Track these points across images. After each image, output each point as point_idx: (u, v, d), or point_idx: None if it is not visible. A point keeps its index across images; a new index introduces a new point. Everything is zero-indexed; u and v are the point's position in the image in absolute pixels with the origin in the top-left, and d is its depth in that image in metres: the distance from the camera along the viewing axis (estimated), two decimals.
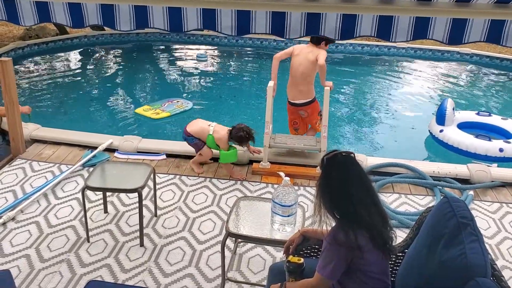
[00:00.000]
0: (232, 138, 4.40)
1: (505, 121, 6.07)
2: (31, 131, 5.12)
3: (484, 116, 6.20)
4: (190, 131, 4.53)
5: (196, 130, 4.53)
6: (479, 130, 5.91)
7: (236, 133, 4.35)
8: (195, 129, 4.53)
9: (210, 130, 4.46)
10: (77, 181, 4.39)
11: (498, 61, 9.98)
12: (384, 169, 4.63)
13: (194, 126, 4.57)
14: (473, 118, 6.16)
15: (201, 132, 4.51)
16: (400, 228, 3.77)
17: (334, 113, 6.82)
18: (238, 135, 4.34)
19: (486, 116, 6.20)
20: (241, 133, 4.33)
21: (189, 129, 4.54)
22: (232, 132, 4.39)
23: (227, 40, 11.05)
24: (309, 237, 2.50)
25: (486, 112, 6.35)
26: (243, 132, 4.33)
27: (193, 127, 4.55)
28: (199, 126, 4.54)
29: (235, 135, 4.36)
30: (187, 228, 3.76)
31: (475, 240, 1.84)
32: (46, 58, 9.68)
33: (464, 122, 5.99)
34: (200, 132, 4.51)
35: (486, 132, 5.85)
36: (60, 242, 3.55)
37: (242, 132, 4.33)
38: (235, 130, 4.37)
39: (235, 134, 4.36)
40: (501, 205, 4.19)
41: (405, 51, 10.57)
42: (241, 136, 4.34)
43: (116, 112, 7.07)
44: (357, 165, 2.05)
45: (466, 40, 2.50)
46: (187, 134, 4.54)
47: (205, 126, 4.52)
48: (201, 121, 4.65)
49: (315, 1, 2.30)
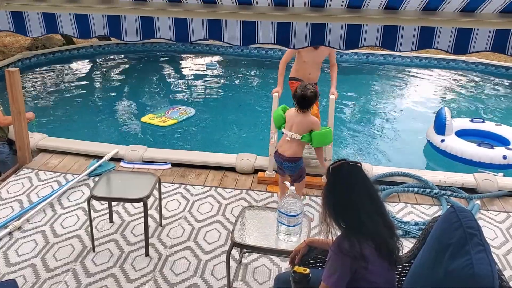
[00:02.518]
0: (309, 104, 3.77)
1: (499, 127, 6.12)
2: (38, 140, 5.15)
3: (478, 123, 6.22)
4: (293, 153, 3.83)
5: (295, 149, 3.83)
6: (475, 137, 5.94)
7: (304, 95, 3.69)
8: (295, 149, 3.83)
9: (301, 132, 3.79)
10: (83, 190, 4.40)
11: (504, 70, 9.96)
12: (390, 178, 4.62)
13: (290, 146, 3.83)
14: (467, 126, 6.18)
15: (299, 148, 3.88)
16: (407, 238, 3.75)
17: (339, 121, 6.82)
18: (309, 95, 3.70)
19: (480, 123, 6.22)
20: (309, 92, 3.71)
21: (289, 152, 3.82)
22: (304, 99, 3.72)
23: (232, 50, 11.11)
24: (315, 247, 2.49)
25: (480, 119, 6.37)
26: (306, 90, 3.71)
27: (292, 147, 3.83)
28: (293, 144, 3.82)
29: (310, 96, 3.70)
30: (192, 238, 3.75)
31: (482, 250, 1.83)
32: (53, 68, 9.75)
33: (460, 130, 6.00)
34: (299, 149, 3.88)
35: (481, 139, 5.88)
36: (65, 251, 3.55)
37: (307, 91, 3.71)
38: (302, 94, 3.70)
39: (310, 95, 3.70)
40: (508, 214, 4.15)
41: (410, 60, 10.57)
42: (311, 94, 3.72)
43: (122, 121, 7.11)
44: (363, 174, 2.04)
45: (471, 49, 2.50)
46: (293, 159, 3.84)
47: (293, 139, 3.80)
48: (283, 140, 3.88)
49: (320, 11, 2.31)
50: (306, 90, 3.70)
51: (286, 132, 3.84)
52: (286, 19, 2.41)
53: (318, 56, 4.59)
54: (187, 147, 6.14)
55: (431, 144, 5.93)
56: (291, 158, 3.83)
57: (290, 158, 3.83)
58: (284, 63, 4.70)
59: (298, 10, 2.32)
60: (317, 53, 4.56)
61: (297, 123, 3.79)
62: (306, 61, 4.63)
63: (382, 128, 7.04)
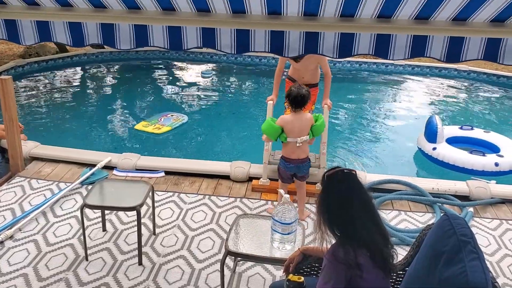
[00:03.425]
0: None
1: (488, 134, 6.17)
2: (30, 149, 5.12)
3: (467, 130, 6.26)
4: (307, 153, 3.99)
5: (306, 149, 3.99)
6: (464, 145, 5.98)
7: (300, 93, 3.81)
8: (306, 148, 3.99)
9: (307, 132, 3.92)
10: (76, 199, 4.37)
11: (495, 78, 10.04)
12: (383, 185, 4.63)
13: (302, 149, 3.94)
14: (457, 133, 6.22)
15: (307, 146, 4.01)
16: (401, 246, 3.75)
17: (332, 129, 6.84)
18: (304, 93, 3.82)
19: (469, 130, 6.26)
20: (303, 90, 3.84)
21: (304, 154, 3.96)
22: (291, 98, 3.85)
23: (226, 58, 11.12)
24: (309, 255, 2.48)
25: (469, 126, 6.41)
26: (301, 89, 3.85)
27: (305, 150, 3.97)
28: (304, 146, 3.95)
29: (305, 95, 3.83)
30: (186, 246, 3.74)
31: (475, 258, 1.83)
32: (46, 76, 9.72)
33: (450, 138, 6.03)
34: (308, 147, 4.02)
35: (471, 146, 5.93)
36: (58, 260, 3.52)
37: (302, 89, 3.84)
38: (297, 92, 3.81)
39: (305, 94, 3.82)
40: (501, 222, 4.17)
41: (402, 68, 10.63)
42: (306, 93, 3.84)
43: (115, 129, 7.09)
44: (358, 182, 2.04)
45: (463, 58, 2.52)
46: (307, 158, 4.02)
47: (304, 137, 3.89)
48: (293, 147, 3.93)
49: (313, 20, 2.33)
50: (301, 89, 3.84)
51: (296, 139, 3.88)
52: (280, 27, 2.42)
53: (307, 63, 4.63)
54: (180, 155, 6.12)
55: (423, 152, 5.95)
56: (306, 158, 4.01)
57: (306, 158, 4.00)
58: (279, 71, 4.76)
59: (292, 19, 2.33)
60: (299, 65, 4.65)
61: (303, 127, 3.90)
62: (297, 67, 4.69)
63: (375, 136, 7.06)
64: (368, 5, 2.15)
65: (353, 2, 2.12)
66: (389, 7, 2.16)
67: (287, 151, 3.97)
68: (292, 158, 3.95)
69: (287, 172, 4.03)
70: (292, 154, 3.95)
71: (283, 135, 3.90)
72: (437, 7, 2.13)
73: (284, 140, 3.93)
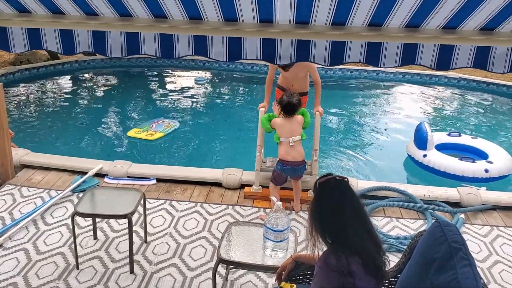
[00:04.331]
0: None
1: (475, 140, 6.22)
2: (21, 156, 5.08)
3: (455, 137, 6.31)
4: (302, 155, 4.16)
5: (301, 150, 4.16)
6: (452, 151, 6.03)
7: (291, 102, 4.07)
8: (301, 150, 4.16)
9: (299, 133, 4.14)
10: (67, 207, 4.34)
11: (485, 85, 10.14)
12: (375, 192, 4.64)
13: (297, 150, 4.14)
14: (445, 140, 6.26)
15: (302, 147, 4.18)
16: (392, 253, 3.76)
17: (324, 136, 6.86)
18: (295, 102, 4.08)
19: (456, 137, 6.31)
20: (294, 99, 4.09)
21: (300, 156, 4.14)
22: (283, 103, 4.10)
23: (218, 65, 11.14)
24: (301, 263, 2.48)
25: (457, 132, 6.46)
26: (292, 97, 4.09)
27: (300, 151, 4.15)
28: (298, 146, 4.14)
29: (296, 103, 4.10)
30: (177, 254, 3.72)
31: (467, 264, 1.84)
32: (37, 84, 9.68)
33: (438, 144, 6.07)
34: (302, 148, 4.18)
35: (459, 152, 5.98)
36: (48, 269, 3.49)
37: (293, 98, 4.09)
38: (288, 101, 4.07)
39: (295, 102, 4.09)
40: (492, 228, 4.20)
41: (393, 75, 10.71)
42: (296, 102, 4.10)
43: (107, 136, 7.06)
44: (350, 189, 2.04)
45: (453, 66, 2.54)
46: (304, 160, 4.20)
47: (296, 141, 4.12)
48: (287, 148, 4.13)
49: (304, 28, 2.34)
50: (292, 98, 4.10)
51: (288, 139, 4.10)
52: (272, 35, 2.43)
53: (297, 71, 4.65)
54: (172, 162, 6.11)
55: (413, 159, 5.97)
56: (303, 161, 4.20)
57: (302, 161, 4.19)
58: (270, 79, 4.78)
59: (283, 27, 2.34)
60: (288, 73, 4.67)
61: (293, 127, 4.13)
62: (286, 76, 4.71)
63: (366, 143, 7.09)
64: (359, 14, 2.16)
65: (344, 11, 2.14)
66: (379, 16, 2.17)
67: (283, 152, 4.15)
68: (288, 160, 4.12)
69: (283, 174, 4.18)
70: (288, 155, 4.12)
71: (276, 135, 4.18)
72: (428, 15, 2.15)
73: (277, 139, 4.18)
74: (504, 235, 4.09)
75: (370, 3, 2.05)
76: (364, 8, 2.10)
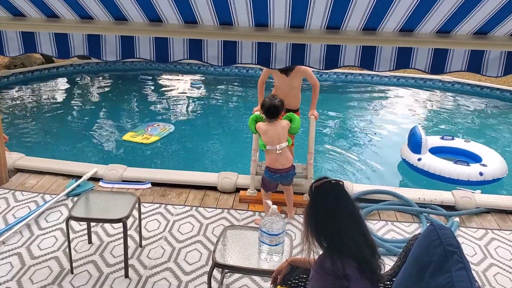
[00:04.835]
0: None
1: (468, 144, 6.26)
2: (15, 160, 5.05)
3: (448, 140, 6.34)
4: (290, 161, 4.11)
5: (289, 157, 4.11)
6: (446, 154, 6.05)
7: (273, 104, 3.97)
8: (289, 156, 4.10)
9: (286, 139, 4.04)
10: (61, 211, 4.32)
11: (479, 89, 10.19)
12: (370, 196, 4.65)
13: (285, 156, 4.05)
14: (438, 143, 6.28)
15: (290, 153, 4.14)
16: (388, 256, 3.76)
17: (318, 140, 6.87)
18: (277, 104, 3.98)
19: (450, 140, 6.34)
20: (276, 101, 3.99)
21: (287, 163, 4.06)
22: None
23: (213, 69, 11.15)
24: (297, 266, 2.47)
25: (450, 136, 6.48)
26: (274, 99, 3.99)
27: (288, 157, 4.08)
28: (285, 153, 4.05)
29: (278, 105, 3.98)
30: (172, 258, 3.70)
31: (462, 268, 1.85)
32: (32, 87, 9.65)
33: (432, 148, 6.08)
34: (290, 155, 4.15)
35: (452, 156, 6.01)
36: (43, 274, 3.46)
37: (274, 100, 3.99)
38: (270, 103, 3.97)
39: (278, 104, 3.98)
40: (486, 231, 4.21)
41: (388, 79, 10.75)
42: (279, 103, 4.00)
43: (102, 140, 7.04)
44: (345, 193, 2.04)
45: (447, 69, 2.56)
46: (292, 167, 4.14)
47: (283, 149, 4.01)
48: (274, 155, 4.03)
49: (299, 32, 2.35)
50: (274, 100, 3.98)
51: (275, 147, 4.00)
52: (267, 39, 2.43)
53: (290, 82, 4.57)
54: (167, 165, 6.09)
55: (407, 163, 5.98)
56: (291, 167, 4.12)
57: (290, 167, 4.11)
58: (261, 82, 4.75)
59: (279, 31, 2.35)
60: (288, 79, 4.55)
61: (279, 134, 4.01)
62: (279, 85, 4.64)
63: (360, 146, 7.11)
64: (353, 18, 2.17)
65: (339, 15, 2.15)
66: (374, 20, 2.18)
67: (270, 160, 4.07)
68: (276, 168, 4.05)
69: (271, 182, 4.12)
70: (276, 163, 4.04)
71: (262, 143, 4.06)
72: (422, 19, 2.16)
73: (263, 147, 4.06)
74: (498, 238, 4.11)
75: (364, 8, 2.05)
76: (359, 12, 2.11)
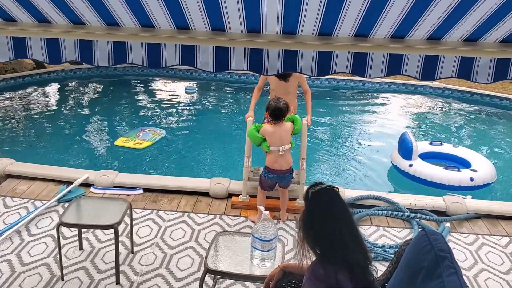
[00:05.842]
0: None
1: (457, 149, 6.31)
2: (6, 166, 5.02)
3: (436, 146, 6.38)
4: (290, 163, 4.16)
5: (289, 158, 4.16)
6: (435, 160, 6.09)
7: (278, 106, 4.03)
8: (289, 158, 4.15)
9: (289, 141, 4.11)
10: (52, 217, 4.29)
11: (469, 95, 10.28)
12: (361, 201, 4.66)
13: (285, 159, 4.11)
14: (427, 149, 6.32)
15: (290, 155, 4.16)
16: (380, 261, 3.77)
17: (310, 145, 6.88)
18: (282, 106, 4.04)
19: (438, 145, 6.38)
20: (281, 104, 4.05)
21: (287, 164, 4.13)
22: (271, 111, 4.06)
23: (206, 74, 11.15)
24: (289, 272, 2.47)
25: (438, 141, 6.53)
26: (279, 102, 4.05)
27: (288, 160, 4.14)
28: (286, 155, 4.12)
29: (283, 108, 4.05)
30: (164, 264, 3.69)
31: (453, 273, 1.85)
32: (23, 93, 9.59)
33: (421, 153, 6.11)
34: (290, 156, 4.16)
35: (441, 161, 6.05)
36: (33, 281, 3.43)
37: (279, 103, 4.05)
38: (275, 106, 4.03)
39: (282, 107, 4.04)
40: (477, 236, 4.23)
41: (379, 85, 10.81)
42: (283, 106, 4.06)
43: (93, 146, 7.01)
44: (340, 199, 2.03)
45: (438, 76, 2.58)
46: (291, 168, 4.20)
47: (286, 150, 4.10)
48: (276, 156, 4.10)
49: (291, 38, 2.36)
50: (279, 103, 4.05)
51: (278, 148, 4.06)
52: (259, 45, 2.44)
53: (287, 86, 4.66)
54: (159, 171, 6.08)
55: (398, 169, 5.99)
56: (289, 169, 4.18)
57: (289, 169, 4.17)
58: (258, 89, 4.79)
59: (271, 37, 2.36)
60: (285, 84, 4.67)
61: (283, 135, 4.08)
62: (275, 89, 4.70)
63: (352, 152, 7.12)
64: (345, 24, 2.18)
65: (331, 21, 2.16)
66: (365, 27, 2.20)
67: (270, 160, 4.12)
68: (275, 168, 4.11)
69: (268, 181, 4.17)
70: (275, 164, 4.10)
71: (266, 145, 4.10)
72: (413, 26, 2.18)
73: (267, 149, 4.11)
74: (489, 243, 4.13)
75: (356, 14, 2.07)
76: (350, 19, 2.12)
